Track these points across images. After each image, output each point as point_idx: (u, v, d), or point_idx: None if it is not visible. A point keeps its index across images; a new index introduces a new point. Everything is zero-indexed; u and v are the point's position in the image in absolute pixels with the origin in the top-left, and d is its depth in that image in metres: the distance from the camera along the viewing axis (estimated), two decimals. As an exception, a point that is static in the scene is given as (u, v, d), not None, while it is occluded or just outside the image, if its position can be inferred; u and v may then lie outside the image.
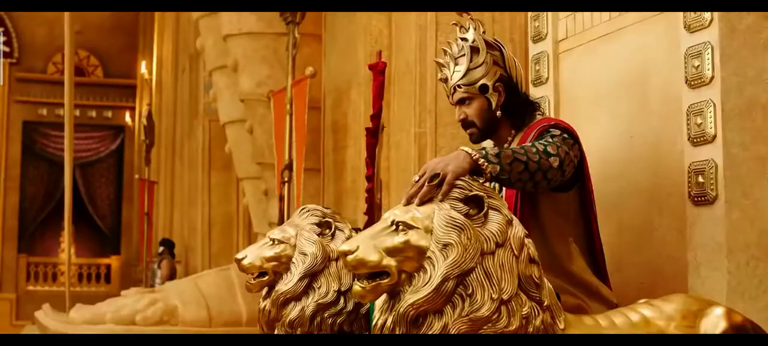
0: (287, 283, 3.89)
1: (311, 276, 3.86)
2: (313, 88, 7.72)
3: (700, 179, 3.28)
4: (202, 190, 13.45)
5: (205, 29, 10.82)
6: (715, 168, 3.24)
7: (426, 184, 2.71)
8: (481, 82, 3.31)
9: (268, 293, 3.96)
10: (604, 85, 3.86)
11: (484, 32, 3.38)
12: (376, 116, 4.94)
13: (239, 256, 4.02)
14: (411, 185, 2.75)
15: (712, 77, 3.26)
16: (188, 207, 14.44)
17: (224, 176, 13.24)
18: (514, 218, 2.71)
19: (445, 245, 2.59)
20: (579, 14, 4.02)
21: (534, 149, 3.01)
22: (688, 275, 3.35)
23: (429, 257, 2.61)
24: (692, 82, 3.34)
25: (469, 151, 2.82)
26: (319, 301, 3.83)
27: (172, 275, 12.63)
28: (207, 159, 13.41)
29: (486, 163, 2.81)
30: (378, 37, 7.04)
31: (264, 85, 9.27)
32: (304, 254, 3.89)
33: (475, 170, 2.79)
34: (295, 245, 3.94)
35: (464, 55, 3.33)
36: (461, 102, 3.38)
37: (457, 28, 3.40)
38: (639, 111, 3.65)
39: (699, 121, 3.30)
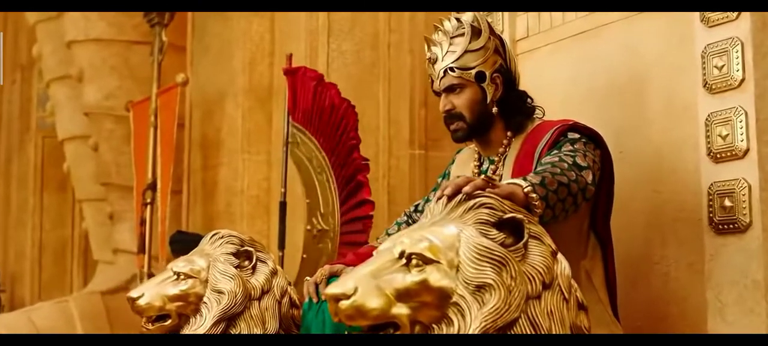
0: (197, 328, 3.11)
1: (229, 320, 3.10)
2: (173, 102, 6.86)
3: (728, 203, 2.71)
4: (33, 212, 12.26)
5: (44, 35, 9.79)
6: (748, 189, 2.67)
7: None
8: (479, 68, 2.76)
9: (171, 341, 3.17)
10: (581, 92, 3.28)
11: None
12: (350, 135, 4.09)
13: (134, 294, 3.21)
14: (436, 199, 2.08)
15: (743, 80, 2.70)
16: (15, 231, 13.18)
17: (59, 197, 12.11)
18: (557, 249, 2.05)
19: (480, 287, 1.91)
20: (544, 9, 3.43)
21: (566, 165, 2.46)
22: (707, 317, 2.77)
23: (456, 303, 1.92)
24: (714, 87, 2.77)
25: (519, 182, 2.22)
26: (239, 350, 3.08)
27: (-6, 308, 11.44)
28: (39, 179, 12.24)
29: (537, 199, 2.20)
30: (259, 43, 6.29)
31: (113, 97, 8.38)
32: (220, 292, 3.12)
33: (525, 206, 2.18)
34: (206, 280, 3.17)
35: (462, 34, 2.76)
36: (450, 89, 2.81)
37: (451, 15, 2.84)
38: (631, 122, 3.08)
39: (724, 132, 2.73)
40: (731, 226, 2.71)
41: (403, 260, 1.95)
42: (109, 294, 8.57)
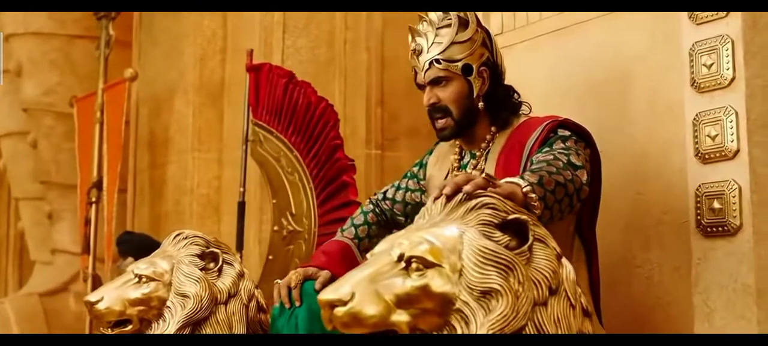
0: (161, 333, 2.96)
1: (194, 325, 2.96)
2: (121, 97, 6.65)
3: (717, 205, 2.63)
4: (-33, 211, 11.90)
5: (-19, 28, 9.50)
6: (739, 190, 2.59)
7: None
8: (465, 61, 2.66)
9: (133, 347, 3.01)
10: (558, 90, 3.19)
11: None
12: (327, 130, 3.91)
13: (92, 298, 3.05)
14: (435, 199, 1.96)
15: (733, 79, 2.63)
16: (-54, 231, 12.79)
17: (-8, 195, 11.77)
18: (561, 252, 1.95)
19: (485, 293, 1.80)
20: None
21: (561, 164, 2.36)
22: (694, 322, 2.70)
23: (459, 310, 1.81)
24: (702, 86, 2.70)
25: (517, 181, 2.10)
26: (205, 357, 2.93)
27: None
28: (-27, 176, 11.88)
29: (536, 200, 2.09)
30: (211, 39, 6.12)
31: (53, 93, 8.15)
32: (185, 296, 2.97)
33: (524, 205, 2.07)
34: (169, 284, 3.02)
35: (449, 25, 2.65)
36: (435, 82, 2.70)
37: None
38: (612, 121, 2.99)
39: (713, 132, 2.66)
40: (720, 229, 2.64)
41: (403, 264, 1.84)
42: (47, 296, 8.32)
